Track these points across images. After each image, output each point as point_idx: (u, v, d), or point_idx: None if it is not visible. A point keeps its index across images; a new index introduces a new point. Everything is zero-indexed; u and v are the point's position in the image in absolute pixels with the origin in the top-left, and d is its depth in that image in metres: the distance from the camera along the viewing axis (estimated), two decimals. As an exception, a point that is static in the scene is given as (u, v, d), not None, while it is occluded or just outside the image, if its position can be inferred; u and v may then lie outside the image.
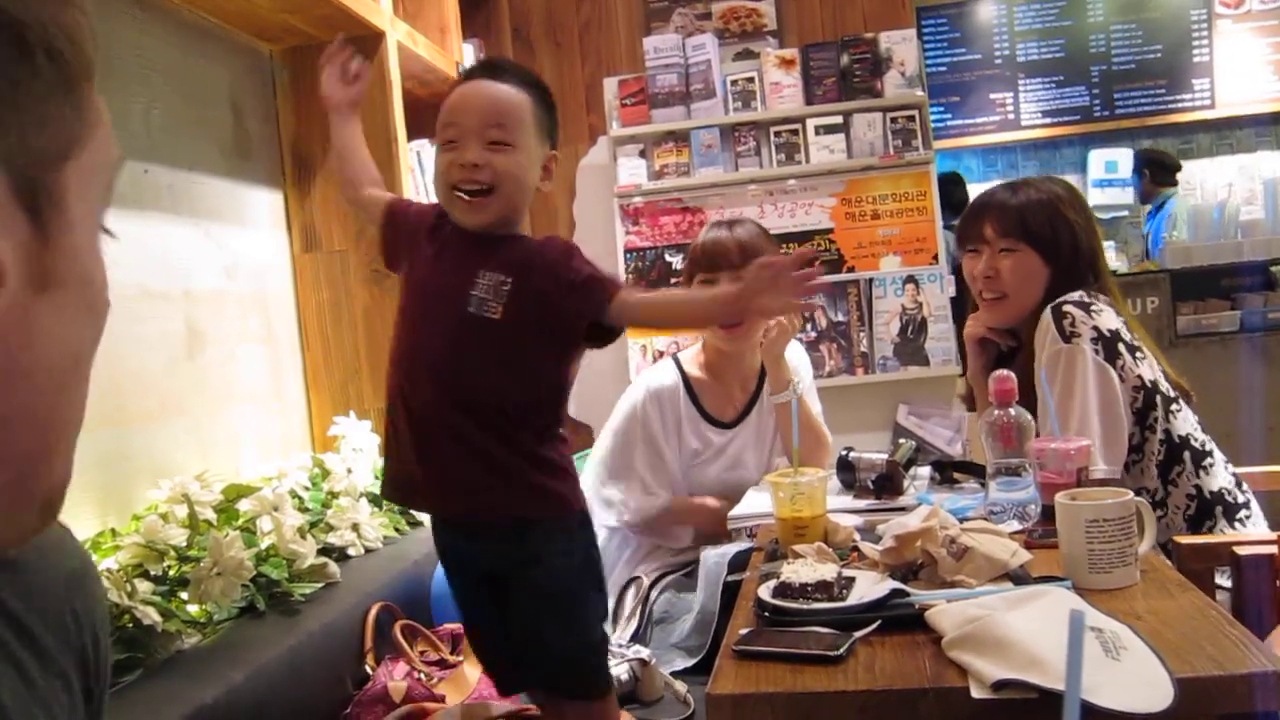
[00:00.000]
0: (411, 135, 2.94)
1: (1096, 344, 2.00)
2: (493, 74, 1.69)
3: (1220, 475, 2.08)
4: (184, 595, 1.77)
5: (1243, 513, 2.08)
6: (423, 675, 2.02)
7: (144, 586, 1.67)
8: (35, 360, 0.48)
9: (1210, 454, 2.09)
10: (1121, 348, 2.02)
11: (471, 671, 2.12)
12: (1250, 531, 2.05)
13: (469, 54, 3.57)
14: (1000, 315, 2.20)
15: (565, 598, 1.72)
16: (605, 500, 2.51)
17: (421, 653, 2.14)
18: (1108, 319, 2.04)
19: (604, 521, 2.53)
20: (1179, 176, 5.37)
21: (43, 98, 0.46)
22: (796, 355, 2.63)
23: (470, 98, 1.67)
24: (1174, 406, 2.06)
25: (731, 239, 2.43)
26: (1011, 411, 1.82)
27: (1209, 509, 2.05)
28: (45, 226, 0.47)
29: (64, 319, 0.49)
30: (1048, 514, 1.70)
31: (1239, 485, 2.12)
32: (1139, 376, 2.03)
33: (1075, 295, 2.07)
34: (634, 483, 2.48)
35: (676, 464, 2.50)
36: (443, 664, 2.14)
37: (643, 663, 2.13)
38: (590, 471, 2.54)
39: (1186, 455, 2.05)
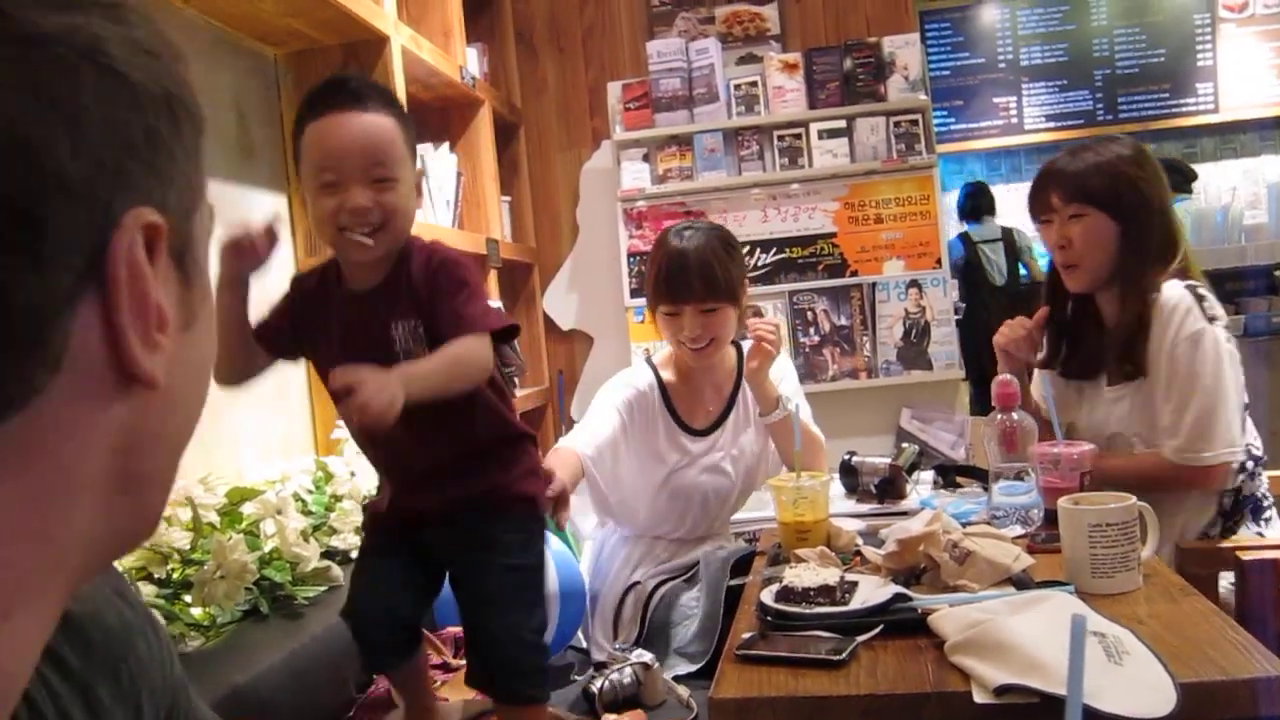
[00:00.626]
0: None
1: (1228, 329, 2.04)
2: (357, 102, 1.60)
3: (1263, 479, 2.12)
4: (187, 598, 1.78)
5: (1268, 513, 2.11)
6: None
7: (148, 589, 1.68)
8: (182, 392, 0.53)
9: (1263, 458, 2.13)
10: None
11: (474, 675, 2.11)
12: (1245, 536, 2.06)
13: (472, 58, 3.57)
14: (1078, 281, 2.17)
15: (517, 589, 1.76)
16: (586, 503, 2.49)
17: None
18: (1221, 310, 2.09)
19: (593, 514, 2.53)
20: (1194, 185, 5.36)
21: (186, 157, 0.51)
22: (779, 364, 2.52)
23: (344, 137, 1.59)
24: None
25: (695, 262, 2.30)
26: (1014, 416, 1.82)
27: (1241, 509, 2.08)
28: (187, 272, 0.53)
29: (201, 353, 0.55)
30: (1050, 518, 1.71)
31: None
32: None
33: (1189, 282, 2.09)
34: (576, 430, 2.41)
35: (644, 474, 2.42)
36: (445, 667, 2.14)
37: (645, 666, 2.12)
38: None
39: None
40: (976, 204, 5.49)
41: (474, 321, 1.65)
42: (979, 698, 1.22)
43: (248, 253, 1.59)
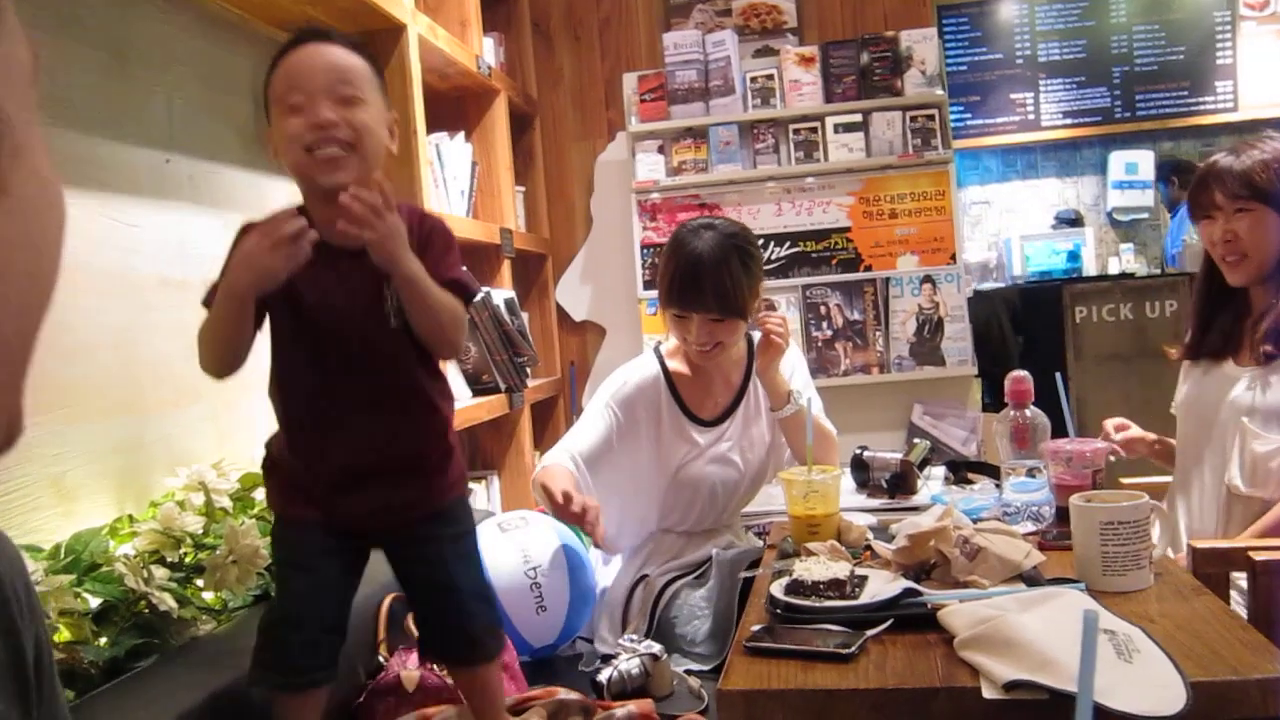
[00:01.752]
0: (430, 128, 2.95)
1: None
2: (323, 39, 1.57)
3: None
4: (200, 582, 1.79)
5: None
6: (435, 665, 2.02)
7: (160, 573, 1.69)
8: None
9: None
10: None
11: (483, 663, 2.12)
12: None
13: (489, 48, 3.57)
14: (1244, 274, 2.19)
15: (466, 557, 1.74)
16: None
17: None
18: None
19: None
20: None
21: None
22: (789, 357, 2.52)
23: (309, 59, 1.54)
24: None
25: (709, 277, 2.28)
26: (1027, 412, 1.82)
27: None
28: None
29: (18, 226, 0.48)
30: (1062, 515, 1.70)
31: None
32: None
33: None
34: (561, 444, 2.38)
35: (648, 465, 2.41)
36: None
37: (654, 657, 2.13)
38: None
39: None
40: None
41: (466, 285, 1.65)
42: (988, 693, 1.22)
43: (284, 257, 1.50)
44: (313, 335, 1.62)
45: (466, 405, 2.99)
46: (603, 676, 2.15)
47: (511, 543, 2.37)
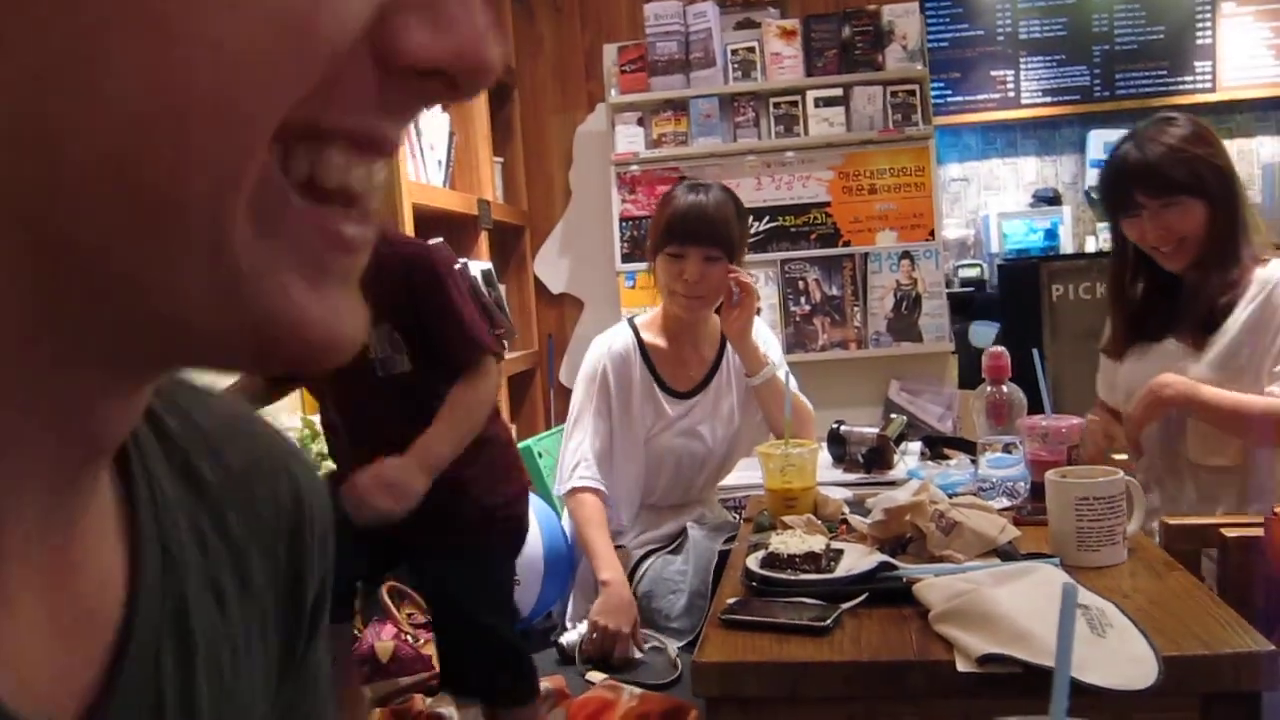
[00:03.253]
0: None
1: None
2: None
3: None
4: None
5: None
6: (410, 637, 2.02)
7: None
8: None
9: None
10: None
11: (458, 635, 2.12)
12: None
13: (468, 16, 3.53)
14: (1184, 258, 2.16)
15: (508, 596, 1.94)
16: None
17: (409, 615, 2.14)
18: None
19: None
20: None
21: None
22: (760, 331, 2.52)
23: None
24: None
25: (709, 208, 2.33)
26: (1004, 389, 1.82)
27: None
28: None
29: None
30: (1037, 491, 1.71)
31: None
32: None
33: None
34: (581, 447, 2.38)
35: (623, 437, 2.41)
36: (430, 626, 2.15)
37: None
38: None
39: None
40: None
41: (478, 342, 1.73)
42: (962, 667, 1.22)
43: None
44: (331, 394, 1.65)
45: (443, 377, 2.97)
46: (565, 640, 2.15)
47: (487, 515, 2.36)
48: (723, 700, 1.32)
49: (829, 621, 1.36)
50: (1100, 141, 5.83)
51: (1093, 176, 5.89)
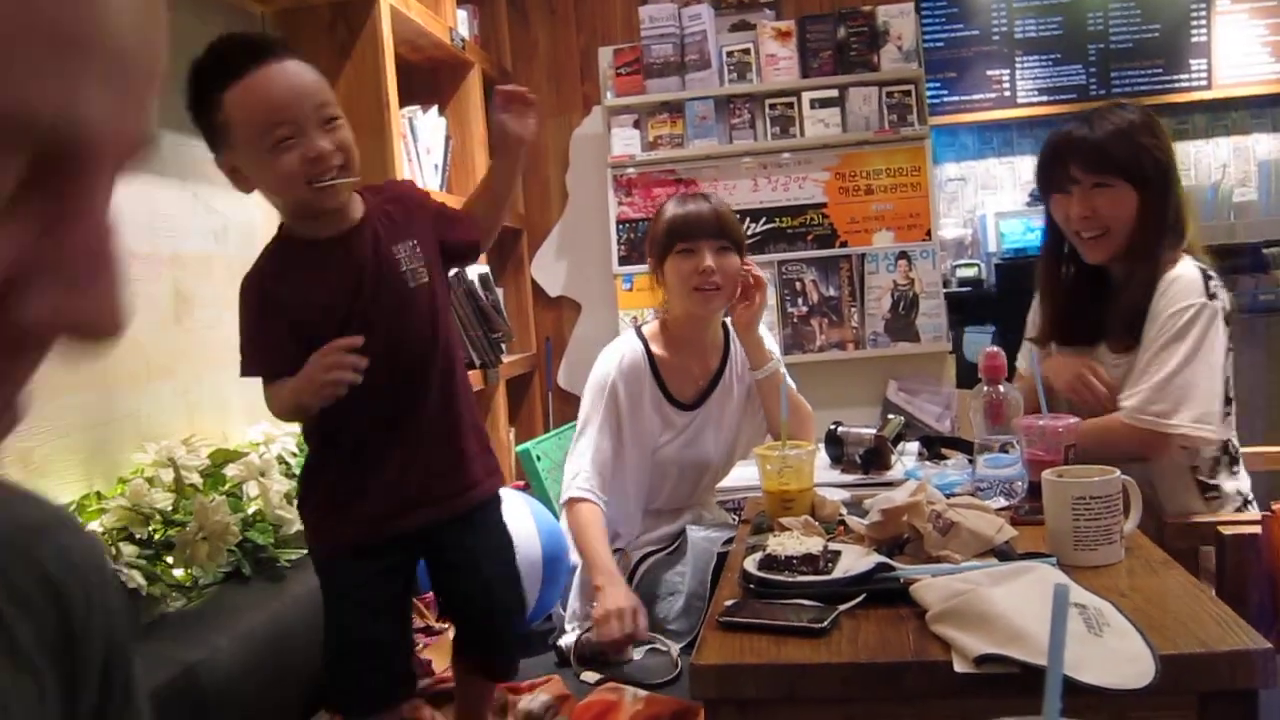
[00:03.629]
0: (403, 101, 2.92)
1: (1226, 314, 2.03)
2: (273, 53, 1.57)
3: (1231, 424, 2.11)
4: (169, 559, 1.77)
5: (1238, 466, 2.11)
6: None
7: (128, 550, 1.67)
8: None
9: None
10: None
11: (457, 639, 2.12)
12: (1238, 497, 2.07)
13: (463, 20, 3.54)
14: (1103, 251, 2.12)
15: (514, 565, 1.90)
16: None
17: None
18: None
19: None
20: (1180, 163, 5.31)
21: None
22: (765, 337, 2.50)
23: (288, 87, 1.56)
24: None
25: (709, 208, 2.37)
26: (1001, 388, 1.82)
27: (1235, 459, 2.09)
28: None
29: None
30: (1034, 491, 1.71)
31: None
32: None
33: (1202, 264, 2.07)
34: (582, 458, 2.37)
35: (633, 450, 2.39)
36: (429, 630, 2.15)
37: None
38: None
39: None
40: None
41: (475, 223, 1.90)
42: (959, 667, 1.22)
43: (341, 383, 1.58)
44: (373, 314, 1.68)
45: (440, 381, 2.97)
46: (564, 642, 2.16)
47: (485, 519, 2.36)
48: (720, 702, 1.32)
49: (826, 623, 1.36)
50: (1096, 140, 5.83)
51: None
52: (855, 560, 1.54)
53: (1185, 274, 2.02)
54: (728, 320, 2.49)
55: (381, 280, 1.67)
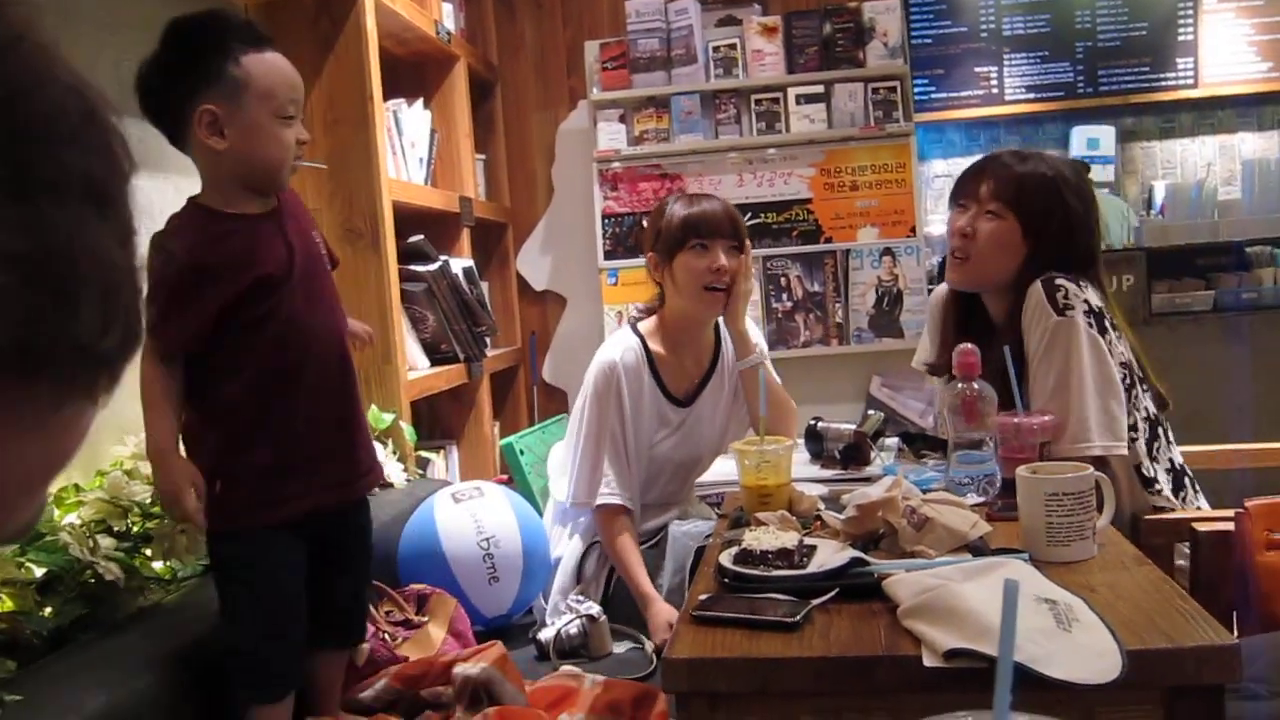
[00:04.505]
0: (388, 95, 2.92)
1: (1089, 317, 1.93)
2: (271, 45, 1.70)
3: (1175, 447, 2.09)
4: (148, 552, 1.77)
5: (1196, 484, 2.10)
6: (387, 635, 2.02)
7: (106, 542, 1.67)
8: None
9: (1168, 428, 2.09)
10: (1107, 324, 1.99)
11: (436, 632, 2.13)
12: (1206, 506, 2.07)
13: (448, 14, 3.53)
14: (961, 277, 2.10)
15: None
16: (562, 468, 2.50)
17: (387, 613, 2.14)
18: (1093, 295, 1.99)
19: (556, 495, 2.54)
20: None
21: None
22: (750, 329, 2.52)
23: (293, 75, 1.70)
24: (1143, 385, 2.05)
25: (723, 208, 2.39)
26: (975, 385, 1.83)
27: (1181, 480, 2.06)
28: None
29: None
30: (1009, 487, 1.72)
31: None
32: (1122, 353, 1.99)
33: (1048, 274, 2.02)
34: (588, 466, 2.39)
35: (634, 447, 2.40)
36: (408, 624, 2.15)
37: (592, 619, 2.15)
38: (565, 440, 2.53)
39: (1160, 430, 2.05)
40: None
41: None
42: (929, 661, 1.23)
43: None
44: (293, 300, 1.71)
45: (424, 374, 2.97)
46: (543, 635, 2.18)
47: (465, 513, 2.37)
48: (692, 695, 1.33)
49: (799, 617, 1.36)
50: (1084, 138, 5.84)
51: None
52: (830, 555, 1.55)
53: (1032, 296, 1.97)
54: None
55: (309, 258, 1.74)
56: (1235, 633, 1.65)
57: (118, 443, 1.97)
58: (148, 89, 1.64)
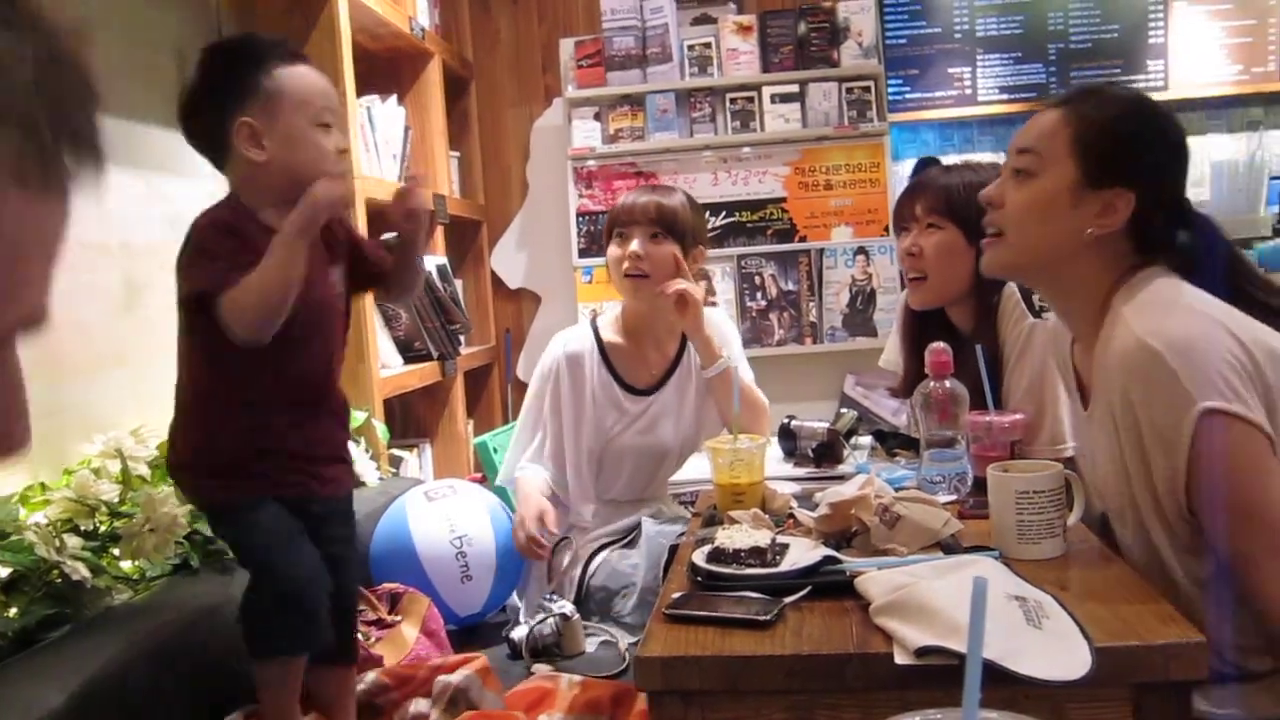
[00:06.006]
0: (361, 90, 2.90)
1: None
2: (306, 59, 1.73)
3: None
4: (116, 551, 1.76)
5: None
6: (360, 635, 2.01)
7: (73, 542, 1.66)
8: None
9: None
10: None
11: (409, 631, 2.12)
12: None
13: (423, 9, 3.52)
14: (921, 296, 2.13)
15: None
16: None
17: (360, 612, 2.13)
18: None
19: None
20: None
21: None
22: (721, 322, 2.55)
23: (325, 84, 1.72)
24: None
25: (651, 199, 2.40)
26: (947, 384, 1.83)
27: None
28: None
29: None
30: (980, 485, 1.72)
31: None
32: None
33: None
34: (519, 448, 2.51)
35: (575, 435, 2.43)
36: (380, 623, 2.14)
37: (565, 617, 2.15)
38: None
39: None
40: None
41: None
42: (900, 659, 1.24)
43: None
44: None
45: (398, 372, 2.96)
46: (515, 634, 2.17)
47: (438, 511, 2.36)
48: (665, 694, 1.33)
49: (771, 615, 1.36)
50: (1055, 138, 5.89)
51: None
52: (803, 553, 1.55)
53: (1009, 299, 2.02)
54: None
55: (318, 303, 1.74)
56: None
57: (86, 441, 1.95)
58: (188, 112, 1.69)
